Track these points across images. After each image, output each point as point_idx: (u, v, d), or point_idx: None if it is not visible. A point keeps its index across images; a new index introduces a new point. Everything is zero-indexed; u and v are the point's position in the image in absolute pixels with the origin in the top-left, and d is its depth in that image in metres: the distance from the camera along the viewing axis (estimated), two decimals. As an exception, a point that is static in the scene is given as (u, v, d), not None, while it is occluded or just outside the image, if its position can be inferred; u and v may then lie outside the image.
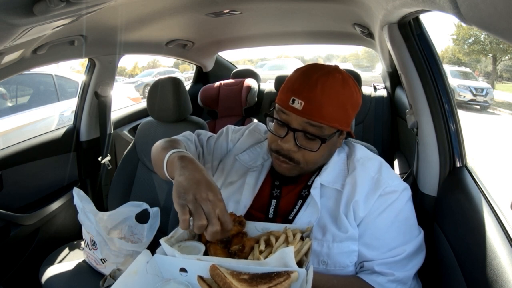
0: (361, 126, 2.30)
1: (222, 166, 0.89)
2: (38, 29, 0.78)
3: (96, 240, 1.16)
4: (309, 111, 0.67)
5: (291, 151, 0.71)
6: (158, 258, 0.61)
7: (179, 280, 0.60)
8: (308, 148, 0.70)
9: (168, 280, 0.60)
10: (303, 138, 0.71)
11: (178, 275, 0.60)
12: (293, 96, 0.69)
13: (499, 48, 15.07)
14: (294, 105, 0.68)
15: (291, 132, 0.70)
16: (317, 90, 0.68)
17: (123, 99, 3.89)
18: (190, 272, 0.59)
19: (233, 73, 2.66)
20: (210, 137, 0.95)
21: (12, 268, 1.41)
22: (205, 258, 0.59)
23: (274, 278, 0.52)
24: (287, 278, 0.51)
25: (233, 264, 0.56)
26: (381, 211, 0.70)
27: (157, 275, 0.61)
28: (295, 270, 0.53)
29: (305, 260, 0.58)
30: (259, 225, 0.70)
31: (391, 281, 0.68)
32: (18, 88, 3.78)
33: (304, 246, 0.60)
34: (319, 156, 0.73)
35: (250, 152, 0.88)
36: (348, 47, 35.34)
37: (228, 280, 0.51)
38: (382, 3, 0.81)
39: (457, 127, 0.91)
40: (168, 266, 0.61)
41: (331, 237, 0.70)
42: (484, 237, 0.64)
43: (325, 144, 0.71)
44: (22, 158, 1.49)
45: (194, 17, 1.46)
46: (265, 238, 0.64)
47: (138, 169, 1.57)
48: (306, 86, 0.69)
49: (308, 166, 0.74)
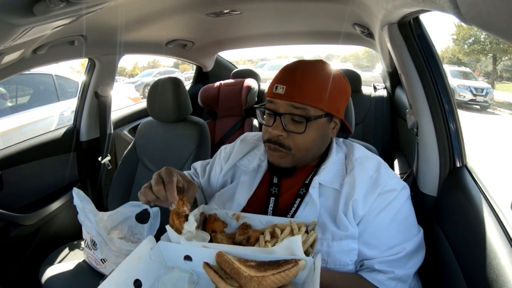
0: (361, 126, 2.30)
1: (224, 183, 0.91)
2: (38, 29, 0.78)
3: (96, 240, 1.16)
4: (291, 93, 0.71)
5: (281, 137, 0.73)
6: (162, 245, 0.61)
7: (182, 268, 0.60)
8: (296, 131, 0.72)
9: (171, 268, 0.61)
10: (290, 122, 0.73)
11: (182, 263, 0.60)
12: (276, 84, 0.74)
13: (499, 48, 15.07)
14: (278, 91, 0.73)
15: (278, 117, 0.73)
16: (297, 73, 0.73)
17: (123, 99, 3.88)
18: (195, 259, 0.59)
19: (233, 73, 2.66)
20: (206, 167, 0.99)
21: (12, 268, 1.40)
22: (211, 245, 0.60)
23: (282, 265, 0.52)
24: (295, 265, 0.52)
25: (240, 252, 0.57)
26: (380, 209, 0.70)
27: (161, 262, 0.61)
28: (302, 258, 0.53)
29: (311, 251, 0.58)
30: (263, 218, 0.71)
31: (391, 278, 0.68)
32: (18, 88, 3.78)
33: (309, 238, 0.61)
34: (309, 140, 0.73)
35: (249, 156, 0.90)
36: (348, 47, 35.46)
37: (236, 265, 0.51)
38: (382, 3, 0.81)
39: (457, 127, 0.91)
40: (172, 254, 0.61)
41: (330, 235, 0.70)
42: (484, 237, 0.64)
43: (314, 128, 0.73)
44: (22, 158, 1.49)
45: (194, 17, 1.46)
46: (270, 230, 0.65)
47: (138, 169, 1.57)
48: (287, 73, 0.75)
49: (300, 153, 0.75)
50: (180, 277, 0.59)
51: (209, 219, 0.72)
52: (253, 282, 0.48)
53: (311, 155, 0.78)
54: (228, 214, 0.74)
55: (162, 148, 1.53)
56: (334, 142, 0.83)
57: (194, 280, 0.58)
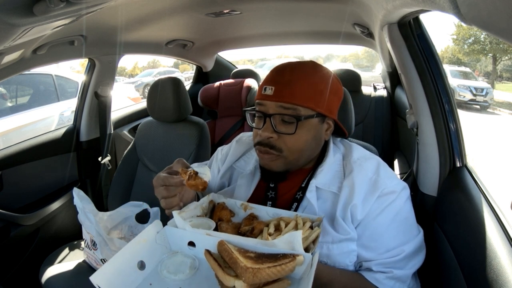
0: (361, 126, 2.30)
1: (222, 185, 0.90)
2: (38, 29, 0.78)
3: (96, 240, 1.16)
4: (280, 93, 0.70)
5: (272, 139, 0.72)
6: (168, 230, 0.63)
7: (186, 253, 0.62)
8: (286, 132, 0.71)
9: (175, 252, 0.63)
10: (280, 123, 0.72)
11: (186, 248, 0.62)
12: (265, 85, 0.73)
13: (499, 48, 15.07)
14: (266, 92, 0.72)
15: (268, 119, 0.71)
16: (286, 73, 0.72)
17: (123, 99, 3.88)
18: (198, 246, 0.60)
19: (233, 73, 2.66)
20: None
21: (12, 268, 1.40)
22: (215, 233, 0.60)
23: (280, 259, 0.52)
24: (292, 260, 0.52)
25: (242, 242, 0.58)
26: (379, 212, 0.70)
27: (165, 246, 0.63)
28: (301, 254, 0.54)
29: (312, 247, 0.59)
30: (270, 210, 0.71)
31: (389, 278, 0.68)
32: (18, 88, 3.78)
33: (312, 234, 0.61)
34: (301, 141, 0.72)
35: (246, 157, 0.89)
36: (348, 47, 35.40)
37: (234, 255, 0.52)
38: (382, 3, 0.81)
39: (457, 127, 0.91)
40: (177, 239, 0.62)
41: (330, 238, 0.69)
42: (484, 237, 0.64)
43: (305, 129, 0.71)
44: (22, 158, 1.49)
45: (194, 17, 1.46)
46: (275, 223, 0.65)
47: (138, 169, 1.57)
48: (275, 73, 0.73)
49: (292, 155, 0.73)
50: (183, 261, 0.61)
51: (217, 207, 0.73)
52: (248, 273, 0.49)
53: (304, 157, 0.76)
54: (236, 204, 0.74)
55: (162, 148, 1.53)
56: (331, 143, 0.81)
57: (196, 266, 0.60)
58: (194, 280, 0.57)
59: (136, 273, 0.57)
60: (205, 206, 0.74)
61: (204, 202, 0.74)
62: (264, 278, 0.50)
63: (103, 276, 0.51)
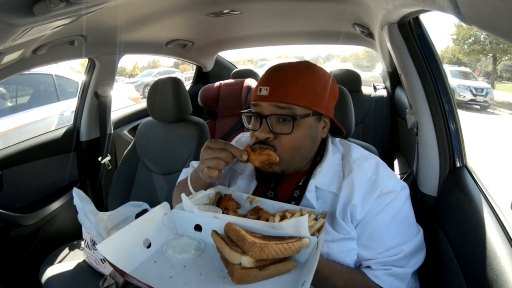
0: (361, 126, 2.30)
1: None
2: (38, 29, 0.78)
3: (96, 240, 1.16)
4: (275, 93, 0.70)
5: (268, 140, 0.72)
6: (175, 212, 0.64)
7: (192, 236, 0.63)
8: (283, 132, 0.71)
9: (181, 235, 0.63)
10: (277, 123, 0.72)
11: (192, 232, 0.63)
12: (260, 86, 0.73)
13: (499, 48, 15.08)
14: (262, 93, 0.72)
15: (264, 120, 0.71)
16: (281, 73, 0.72)
17: (123, 99, 3.88)
18: (205, 229, 0.61)
19: (233, 73, 2.66)
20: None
21: (12, 268, 1.40)
22: (222, 216, 0.61)
23: (286, 239, 0.53)
24: (299, 241, 0.53)
25: (249, 224, 0.59)
26: (378, 211, 0.70)
27: (172, 228, 0.64)
28: (307, 236, 0.54)
29: (317, 234, 0.59)
30: (276, 204, 0.72)
31: (389, 274, 0.68)
32: (18, 88, 3.78)
33: (317, 223, 0.61)
34: (297, 140, 0.72)
35: None
36: (348, 47, 35.46)
37: (242, 233, 0.53)
38: (382, 3, 0.81)
39: (457, 127, 0.91)
40: (183, 222, 0.63)
41: (330, 237, 0.70)
42: (484, 237, 0.64)
43: (302, 128, 0.71)
44: (22, 158, 1.49)
45: (194, 17, 1.46)
46: (281, 214, 0.66)
47: (138, 169, 1.57)
48: (270, 74, 0.75)
49: (286, 153, 0.73)
50: (188, 243, 0.62)
51: (223, 198, 0.74)
52: (256, 247, 0.49)
53: (298, 156, 0.75)
54: (242, 197, 0.75)
55: (162, 148, 1.53)
56: (329, 143, 0.81)
57: (201, 248, 0.60)
58: (199, 260, 0.58)
59: (142, 250, 0.58)
60: (212, 197, 0.75)
61: (211, 192, 0.75)
62: (271, 254, 0.50)
63: (110, 246, 0.52)
